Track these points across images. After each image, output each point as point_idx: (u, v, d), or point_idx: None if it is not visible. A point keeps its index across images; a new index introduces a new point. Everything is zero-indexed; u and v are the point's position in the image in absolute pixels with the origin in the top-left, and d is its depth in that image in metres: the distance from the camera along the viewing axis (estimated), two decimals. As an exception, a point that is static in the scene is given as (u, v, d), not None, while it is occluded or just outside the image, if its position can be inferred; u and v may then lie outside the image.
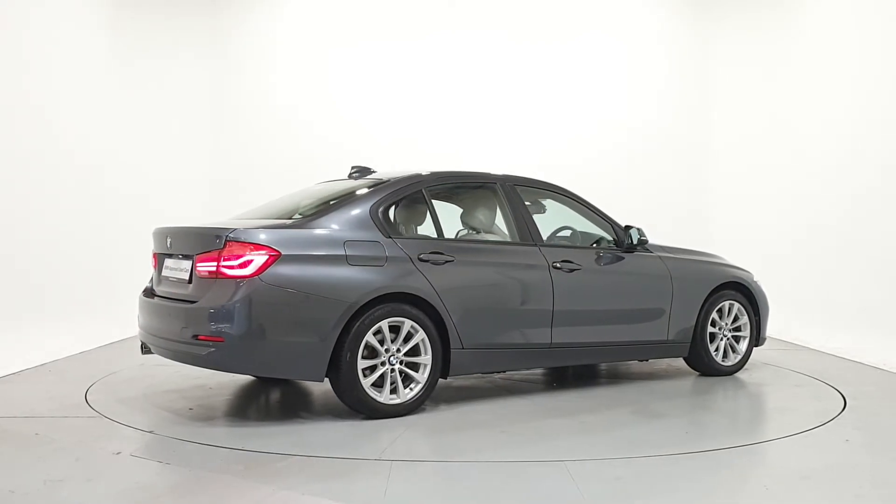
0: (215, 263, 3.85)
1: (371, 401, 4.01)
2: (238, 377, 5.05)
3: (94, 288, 7.87)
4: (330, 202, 4.37)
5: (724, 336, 5.49)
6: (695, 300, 5.34)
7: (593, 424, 4.11)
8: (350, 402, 4.04)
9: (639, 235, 5.14)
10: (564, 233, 5.37)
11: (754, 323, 5.64)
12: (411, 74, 9.35)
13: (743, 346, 5.58)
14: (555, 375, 5.53)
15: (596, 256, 5.03)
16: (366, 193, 4.37)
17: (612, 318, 4.99)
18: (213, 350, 3.81)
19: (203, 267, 3.92)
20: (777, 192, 8.82)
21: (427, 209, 4.57)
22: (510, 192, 4.87)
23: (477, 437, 3.82)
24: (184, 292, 4.07)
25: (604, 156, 9.32)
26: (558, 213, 5.32)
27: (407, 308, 4.11)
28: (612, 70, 9.51)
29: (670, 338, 5.24)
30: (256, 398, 4.71)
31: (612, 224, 5.19)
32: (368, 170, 4.95)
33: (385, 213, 4.30)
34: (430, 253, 4.28)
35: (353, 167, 4.98)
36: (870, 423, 4.23)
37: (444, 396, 4.69)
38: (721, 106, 9.52)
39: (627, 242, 5.13)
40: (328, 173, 5.68)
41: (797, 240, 8.40)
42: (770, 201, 8.93)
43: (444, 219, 4.61)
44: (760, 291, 5.74)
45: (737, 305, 5.55)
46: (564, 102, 9.40)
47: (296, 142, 9.25)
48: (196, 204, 8.92)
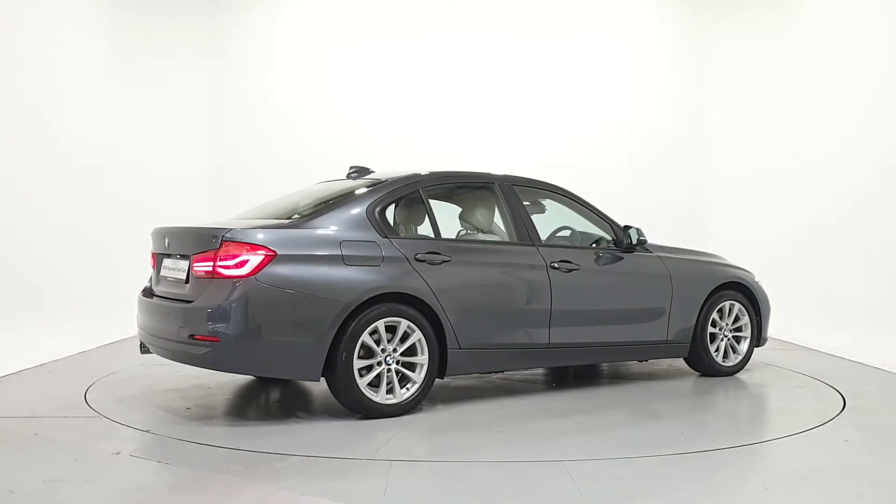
0: (211, 263, 3.86)
1: (367, 401, 4.01)
2: (237, 377, 5.05)
3: (94, 288, 7.87)
4: (327, 202, 4.37)
5: (725, 336, 5.48)
6: (695, 300, 5.33)
7: (593, 425, 4.10)
8: (346, 401, 4.04)
9: (638, 235, 5.13)
10: (564, 233, 5.36)
11: (755, 323, 5.62)
12: (411, 74, 9.35)
13: (744, 346, 5.57)
14: (555, 376, 5.53)
15: (595, 256, 5.03)
16: (363, 193, 4.36)
17: (611, 318, 4.98)
18: (209, 350, 3.81)
19: (200, 267, 3.92)
20: (777, 192, 8.82)
21: (424, 209, 4.56)
22: (508, 192, 4.86)
23: (474, 437, 3.81)
24: (181, 292, 4.08)
25: (604, 156, 9.32)
26: (557, 214, 5.31)
27: (403, 308, 4.11)
28: (612, 70, 9.51)
29: (670, 338, 5.23)
30: (256, 398, 4.71)
31: (612, 224, 5.18)
32: (367, 170, 4.94)
33: (382, 213, 4.30)
34: (427, 253, 4.28)
35: (351, 167, 4.98)
36: (869, 422, 4.23)
37: (441, 396, 4.69)
38: (721, 106, 9.52)
39: (626, 242, 5.11)
40: (328, 173, 5.68)
41: (797, 240, 8.40)
42: (770, 201, 8.93)
43: (443, 219, 4.60)
44: (761, 292, 5.72)
45: (737, 306, 5.54)
46: (564, 102, 9.40)
47: (296, 142, 9.25)
48: (196, 204, 8.92)
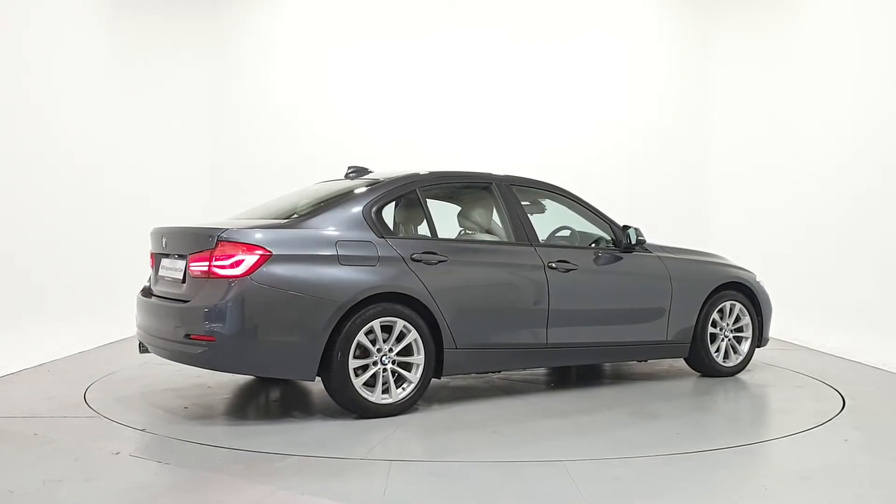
0: (207, 263, 3.87)
1: (363, 400, 4.02)
2: (237, 376, 5.05)
3: (94, 288, 7.87)
4: (324, 202, 4.37)
5: (726, 337, 5.48)
6: (695, 300, 5.32)
7: (592, 425, 4.10)
8: (342, 401, 4.05)
9: (637, 235, 5.11)
10: (563, 233, 5.36)
11: (756, 323, 5.60)
12: (411, 74, 9.35)
13: (745, 346, 5.55)
14: (556, 376, 5.52)
15: (593, 256, 5.02)
16: (359, 193, 4.37)
17: (610, 318, 4.98)
18: (205, 349, 3.83)
19: (196, 267, 3.94)
20: (777, 192, 8.82)
21: (421, 209, 4.56)
22: (506, 192, 4.86)
23: (470, 437, 3.81)
24: (178, 292, 4.10)
25: (604, 156, 9.32)
26: (557, 213, 5.31)
27: (399, 308, 4.11)
28: (612, 70, 9.51)
29: (669, 338, 5.22)
30: (255, 397, 4.71)
31: (611, 224, 5.17)
32: (365, 170, 4.95)
33: (378, 213, 4.30)
34: (423, 253, 4.28)
35: (349, 167, 4.99)
36: (869, 422, 4.23)
37: (438, 396, 4.69)
38: (721, 106, 9.52)
39: (626, 242, 5.10)
40: (328, 173, 5.68)
41: (797, 240, 8.40)
42: (770, 201, 8.92)
43: (442, 219, 4.60)
44: (763, 292, 5.70)
45: (738, 306, 5.52)
46: (564, 102, 9.40)
47: (296, 142, 9.25)
48: (196, 204, 8.93)
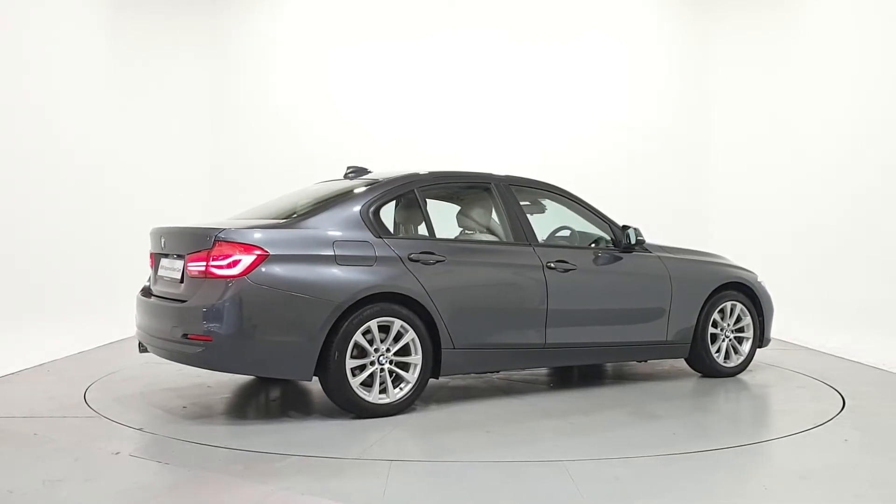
0: (205, 263, 3.88)
1: (360, 400, 4.02)
2: (237, 376, 5.05)
3: (94, 288, 7.88)
4: (322, 202, 4.37)
5: (727, 337, 5.47)
6: (695, 300, 5.31)
7: (592, 425, 4.10)
8: (339, 401, 4.05)
9: (636, 235, 5.10)
10: (563, 233, 5.36)
11: (758, 324, 5.60)
12: (411, 74, 9.35)
13: (746, 347, 5.55)
14: (557, 376, 5.52)
15: (593, 256, 5.02)
16: (357, 194, 4.37)
17: (609, 318, 4.97)
18: (202, 349, 3.83)
19: (193, 267, 3.95)
20: (777, 192, 8.82)
21: (420, 209, 4.57)
22: (505, 191, 4.86)
23: (468, 437, 3.80)
24: (176, 291, 4.11)
25: (604, 156, 9.32)
26: (556, 214, 5.31)
27: (397, 308, 4.12)
28: (612, 70, 9.51)
29: (669, 338, 5.22)
30: (255, 397, 4.71)
31: (610, 224, 5.17)
32: (364, 170, 4.95)
33: (376, 213, 4.30)
34: (421, 253, 4.28)
35: (348, 167, 4.99)
36: (869, 422, 4.23)
37: (436, 397, 4.69)
38: (721, 106, 9.52)
39: (625, 242, 5.10)
40: (328, 173, 5.68)
41: (797, 240, 8.40)
42: (770, 201, 8.92)
43: (442, 219, 4.59)
44: (764, 292, 5.69)
45: (739, 306, 5.51)
46: (564, 102, 9.40)
47: (296, 142, 9.25)
48: (196, 204, 8.93)
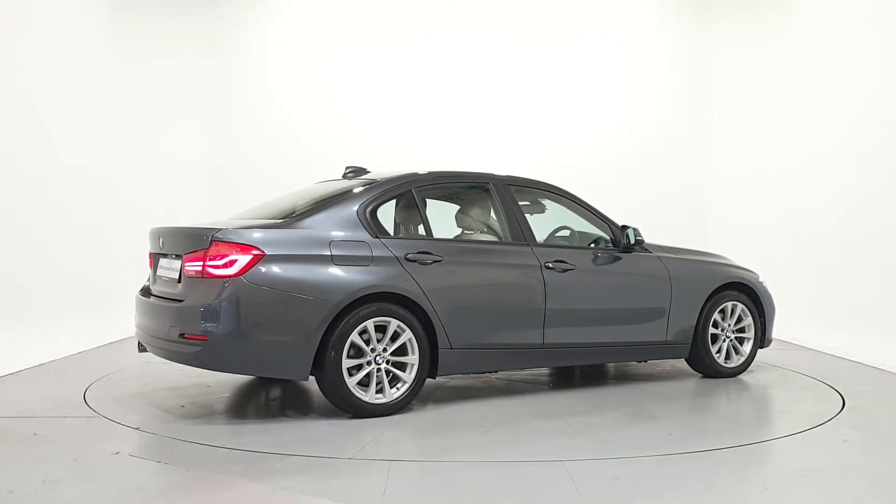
0: (201, 263, 3.89)
1: (356, 400, 4.02)
2: (237, 375, 5.05)
3: (94, 288, 7.87)
4: (319, 202, 4.38)
5: (727, 337, 5.46)
6: (695, 301, 5.31)
7: (591, 425, 4.10)
8: (335, 400, 4.06)
9: (635, 235, 5.09)
10: (563, 233, 5.35)
11: (759, 324, 5.59)
12: (411, 74, 9.34)
13: (747, 347, 5.53)
14: (557, 377, 5.52)
15: (592, 256, 5.01)
16: (354, 194, 4.38)
17: (608, 318, 4.97)
18: (198, 349, 3.84)
19: (190, 266, 3.96)
20: (777, 193, 8.82)
21: (417, 209, 4.57)
22: (503, 191, 4.86)
23: (466, 437, 3.80)
24: (174, 291, 4.12)
25: (604, 156, 9.31)
26: (556, 214, 5.30)
27: (393, 308, 4.12)
28: (612, 70, 9.51)
29: (669, 339, 5.21)
30: (255, 397, 4.71)
31: (609, 224, 5.16)
32: (363, 170, 4.95)
33: (373, 213, 4.31)
34: (418, 253, 4.28)
35: (347, 167, 4.99)
36: (868, 423, 4.23)
37: (434, 397, 4.69)
38: (721, 106, 9.52)
39: (624, 242, 5.09)
40: (328, 173, 5.68)
41: (797, 240, 8.39)
42: (770, 201, 8.92)
43: (441, 219, 4.59)
44: (766, 292, 5.68)
45: (740, 306, 5.49)
46: (564, 102, 9.40)
47: (296, 142, 9.25)
48: (196, 204, 8.93)
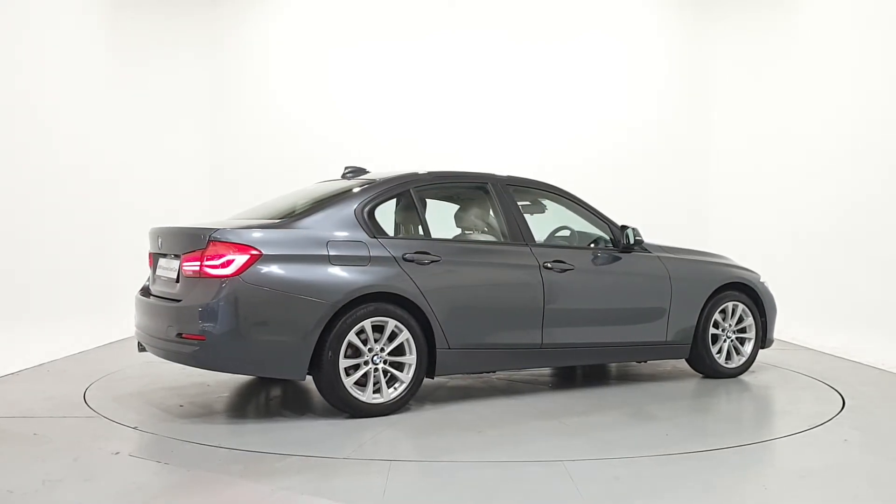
0: (199, 263, 3.90)
1: (353, 400, 4.03)
2: (237, 375, 5.05)
3: (94, 288, 7.87)
4: (317, 202, 4.38)
5: (728, 338, 5.46)
6: (695, 301, 5.30)
7: (591, 425, 4.10)
8: (332, 400, 4.06)
9: (635, 235, 5.08)
10: (563, 233, 5.35)
11: (760, 324, 5.58)
12: (411, 74, 9.34)
13: (748, 347, 5.52)
14: (558, 377, 5.52)
15: (591, 256, 5.01)
16: (352, 194, 4.38)
17: (607, 318, 4.96)
18: (196, 349, 3.85)
19: (188, 266, 3.97)
20: (777, 192, 8.82)
21: (415, 209, 4.57)
22: (502, 191, 4.85)
23: (464, 437, 3.80)
24: (172, 291, 4.12)
25: (604, 156, 9.31)
26: (556, 214, 5.30)
27: (391, 308, 4.12)
28: (612, 70, 9.51)
29: (669, 339, 5.21)
30: (255, 396, 4.71)
31: (609, 224, 5.16)
32: (363, 170, 4.95)
33: (371, 213, 4.31)
34: (416, 253, 4.28)
35: (346, 167, 5.00)
36: (868, 423, 4.23)
37: (433, 397, 4.69)
38: (721, 106, 9.52)
39: (624, 242, 5.09)
40: (328, 173, 5.68)
41: (797, 240, 8.39)
42: (770, 201, 8.92)
43: (440, 219, 4.59)
44: (767, 293, 5.67)
45: (741, 306, 5.48)
46: (564, 102, 9.40)
47: (296, 142, 9.25)
48: (196, 204, 8.93)
